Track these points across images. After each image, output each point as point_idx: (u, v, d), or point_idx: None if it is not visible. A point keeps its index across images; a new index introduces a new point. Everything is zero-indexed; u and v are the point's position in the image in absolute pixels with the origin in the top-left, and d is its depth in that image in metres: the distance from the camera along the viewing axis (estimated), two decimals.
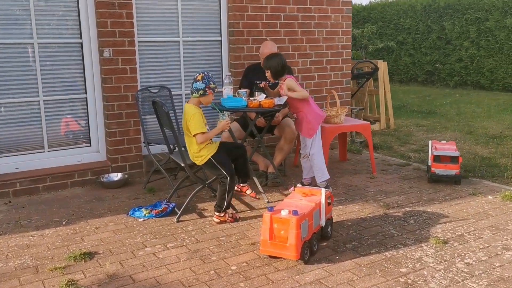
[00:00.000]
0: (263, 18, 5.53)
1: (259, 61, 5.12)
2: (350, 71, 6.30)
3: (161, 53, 5.22)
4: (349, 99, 6.39)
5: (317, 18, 5.89)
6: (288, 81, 4.20)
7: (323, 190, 3.35)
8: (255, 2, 5.45)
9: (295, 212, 3.02)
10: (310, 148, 4.30)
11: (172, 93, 5.09)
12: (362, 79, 7.31)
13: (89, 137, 5.00)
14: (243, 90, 4.57)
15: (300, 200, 3.32)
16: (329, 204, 3.44)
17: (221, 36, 5.50)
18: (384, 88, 7.70)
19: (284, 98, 4.25)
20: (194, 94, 3.73)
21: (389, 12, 15.01)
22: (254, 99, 4.29)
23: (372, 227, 3.65)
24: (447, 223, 3.70)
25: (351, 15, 6.13)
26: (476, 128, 7.56)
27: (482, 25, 12.65)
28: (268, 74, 4.26)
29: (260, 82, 4.44)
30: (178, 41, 5.29)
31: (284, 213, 3.05)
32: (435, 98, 11.60)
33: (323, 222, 3.34)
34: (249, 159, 4.65)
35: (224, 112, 3.91)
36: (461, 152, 5.37)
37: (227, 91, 4.45)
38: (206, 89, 3.69)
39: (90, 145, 5.01)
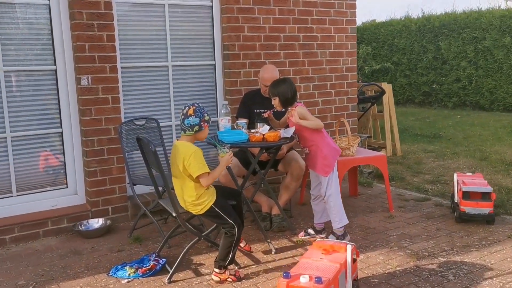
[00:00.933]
0: (261, 39, 4.98)
1: (258, 87, 4.55)
2: (356, 96, 5.75)
3: (147, 80, 4.62)
4: (356, 126, 5.83)
5: (320, 39, 5.36)
6: (300, 109, 3.62)
7: (349, 247, 2.73)
8: (252, 22, 4.90)
9: (318, 280, 2.39)
10: (326, 188, 3.69)
11: (161, 124, 4.48)
12: (367, 104, 6.77)
13: (66, 177, 4.34)
14: (242, 121, 3.97)
15: (321, 260, 2.69)
16: (354, 261, 2.82)
17: (214, 60, 4.93)
18: (390, 112, 7.16)
19: (292, 130, 3.66)
20: (188, 132, 3.12)
21: (382, 33, 14.66)
22: (257, 132, 3.69)
23: (404, 286, 3.03)
24: (494, 278, 3.09)
25: (355, 34, 5.61)
26: (489, 154, 7.03)
27: (479, 44, 12.31)
28: (275, 101, 3.69)
29: (263, 111, 3.84)
30: (167, 66, 4.70)
31: (304, 280, 2.42)
32: (436, 120, 11.13)
33: (349, 286, 2.71)
34: (251, 199, 4.03)
35: (224, 144, 3.31)
36: None
37: (224, 122, 3.85)
38: (202, 123, 3.10)
39: (67, 187, 4.35)
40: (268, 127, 3.75)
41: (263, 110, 4.08)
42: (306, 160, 3.91)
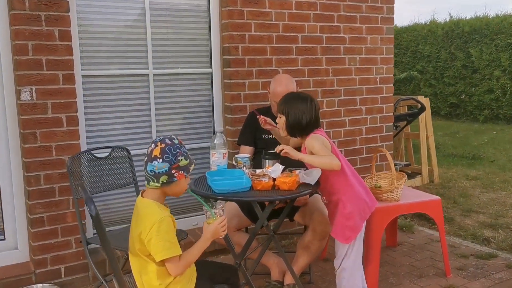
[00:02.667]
0: (272, 40, 3.80)
1: (268, 104, 3.38)
2: (392, 113, 4.55)
3: (120, 94, 3.47)
4: (391, 152, 4.62)
5: (348, 41, 4.17)
6: (313, 139, 2.46)
7: None
8: (261, 18, 3.73)
9: None
10: (343, 259, 2.54)
11: (138, 153, 3.32)
12: (401, 122, 5.55)
13: (2, 226, 3.18)
14: (244, 156, 2.78)
15: None
16: None
17: (211, 68, 3.77)
18: (427, 132, 5.93)
19: (317, 173, 2.46)
20: (152, 183, 1.95)
21: (405, 38, 13.43)
22: (263, 175, 2.50)
23: None
24: None
25: (393, 36, 4.41)
26: None
27: None
28: (280, 121, 2.55)
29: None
30: (147, 75, 3.54)
31: None
32: (467, 136, 9.87)
33: None
34: (257, 262, 2.84)
35: (215, 203, 2.12)
36: None
37: (217, 158, 2.68)
38: (173, 172, 1.92)
39: (4, 239, 3.19)
40: (281, 167, 2.55)
41: (275, 139, 2.92)
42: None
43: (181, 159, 1.94)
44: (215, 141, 2.70)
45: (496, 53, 11.38)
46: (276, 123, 3.02)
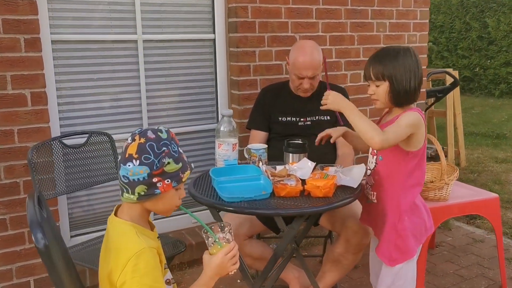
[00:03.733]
0: (288, 0, 3.11)
1: (286, 80, 2.73)
2: (424, 90, 3.89)
3: (100, 64, 2.79)
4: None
5: (377, 2, 3.48)
6: (407, 116, 1.81)
7: None
8: None
9: None
10: (383, 283, 1.92)
11: (124, 138, 2.68)
12: (429, 99, 4.89)
13: None
14: (260, 147, 2.13)
15: None
16: None
17: (214, 33, 3.09)
18: (454, 110, 5.28)
19: (360, 170, 1.83)
20: (125, 194, 1.33)
21: None
22: (288, 176, 1.86)
23: None
24: None
25: None
26: None
27: None
28: (379, 89, 1.84)
29: (300, 122, 2.02)
30: (135, 41, 2.87)
31: None
32: (485, 113, 9.23)
33: None
34: (274, 280, 2.23)
35: (223, 225, 1.47)
36: None
37: (225, 150, 2.03)
38: (155, 180, 1.28)
39: None
40: (311, 164, 1.90)
41: (300, 120, 2.30)
42: (363, 215, 2.10)
43: (168, 162, 1.30)
44: (222, 128, 2.05)
45: None
46: (299, 107, 2.41)
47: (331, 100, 1.89)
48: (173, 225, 3.05)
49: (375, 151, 1.91)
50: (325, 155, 2.48)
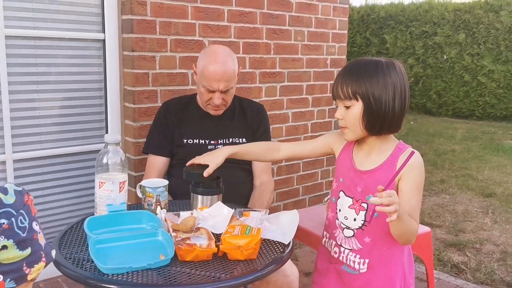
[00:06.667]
0: None
1: (194, 91, 2.24)
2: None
3: None
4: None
5: (296, 8, 3.12)
6: (417, 169, 1.41)
7: None
8: None
9: None
10: None
11: None
12: None
13: None
14: (159, 184, 1.60)
15: None
16: None
17: (104, 32, 2.49)
18: None
19: (292, 220, 1.39)
20: None
21: None
22: (196, 230, 1.35)
23: None
24: None
25: (348, 6, 3.44)
26: (487, 184, 5.27)
27: (429, 40, 10.85)
28: (350, 111, 1.39)
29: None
30: None
31: None
32: None
33: None
34: None
35: None
36: None
37: (108, 191, 1.47)
38: None
39: None
40: (228, 211, 1.42)
41: (210, 143, 1.84)
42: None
43: (3, 246, 0.75)
44: (104, 160, 1.49)
45: (410, 41, 11.13)
46: (209, 126, 1.95)
47: (396, 203, 1.21)
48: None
49: (364, 205, 1.41)
50: (237, 187, 2.02)
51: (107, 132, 2.55)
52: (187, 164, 1.63)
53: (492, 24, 9.94)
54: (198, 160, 1.63)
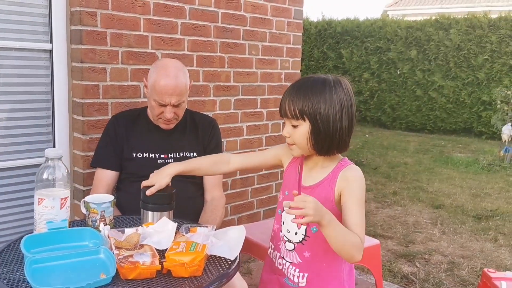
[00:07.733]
0: (149, 9, 2.60)
1: (145, 104, 2.21)
2: None
3: None
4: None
5: (250, 22, 3.14)
6: (356, 181, 1.43)
7: None
8: None
9: None
10: None
11: None
12: None
13: None
14: (103, 200, 1.56)
15: None
16: None
17: (51, 42, 2.43)
18: None
19: (238, 236, 1.38)
20: None
21: None
22: (140, 247, 1.33)
23: None
24: None
25: (302, 22, 3.50)
26: (436, 196, 5.46)
27: (383, 56, 11.21)
28: (297, 131, 1.41)
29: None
30: None
31: None
32: None
33: None
34: None
35: None
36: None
37: (47, 207, 1.42)
38: None
39: None
40: (172, 225, 1.40)
41: (160, 157, 1.81)
42: None
43: None
44: (44, 175, 1.44)
45: (365, 56, 11.45)
46: (160, 142, 1.93)
47: (314, 209, 1.24)
48: None
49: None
50: (188, 201, 2.00)
51: (54, 146, 2.47)
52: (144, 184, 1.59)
53: (442, 41, 10.37)
54: (146, 182, 1.59)
